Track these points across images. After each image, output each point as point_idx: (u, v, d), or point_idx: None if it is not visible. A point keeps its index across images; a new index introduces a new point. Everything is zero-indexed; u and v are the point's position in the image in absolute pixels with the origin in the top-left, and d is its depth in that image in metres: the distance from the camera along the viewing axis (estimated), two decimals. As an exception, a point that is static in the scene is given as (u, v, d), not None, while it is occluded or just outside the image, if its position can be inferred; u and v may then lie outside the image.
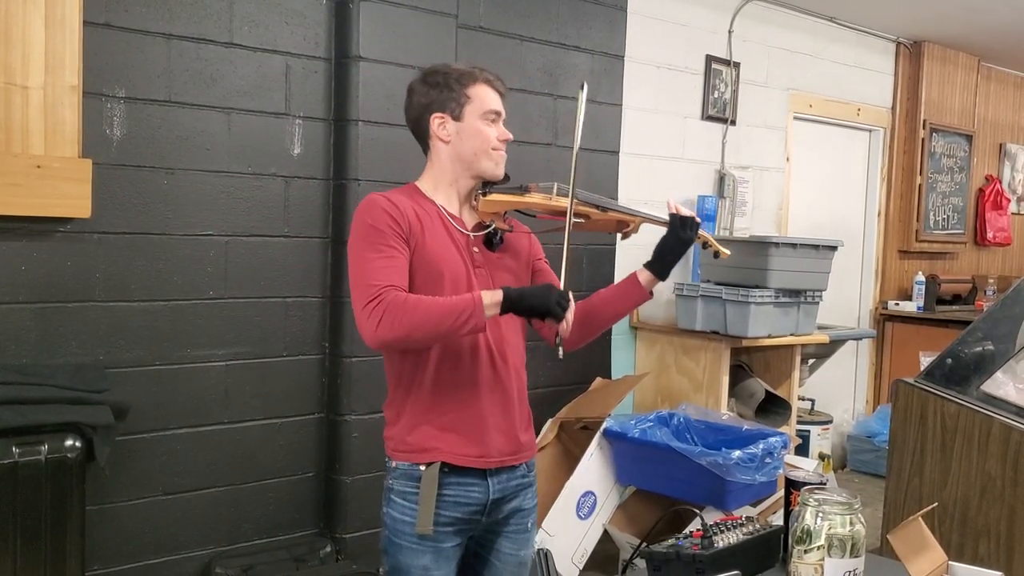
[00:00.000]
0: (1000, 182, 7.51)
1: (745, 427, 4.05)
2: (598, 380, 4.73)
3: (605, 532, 4.04)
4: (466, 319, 2.03)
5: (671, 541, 2.13)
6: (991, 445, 2.99)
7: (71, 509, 2.84)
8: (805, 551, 1.89)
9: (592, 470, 4.00)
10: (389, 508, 2.22)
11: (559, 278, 2.22)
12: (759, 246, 4.52)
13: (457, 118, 2.25)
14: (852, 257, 6.42)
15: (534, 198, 2.31)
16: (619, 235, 2.44)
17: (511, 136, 2.32)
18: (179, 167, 3.44)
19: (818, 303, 4.75)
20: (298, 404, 3.77)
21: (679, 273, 5.12)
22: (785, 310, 4.58)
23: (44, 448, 2.77)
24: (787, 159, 5.82)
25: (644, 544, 3.38)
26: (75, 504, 2.84)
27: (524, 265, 2.40)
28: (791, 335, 4.68)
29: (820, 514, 1.89)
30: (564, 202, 2.29)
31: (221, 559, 3.56)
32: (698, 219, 2.34)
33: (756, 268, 4.47)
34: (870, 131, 6.55)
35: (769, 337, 4.55)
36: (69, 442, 2.82)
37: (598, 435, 4.02)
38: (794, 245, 4.56)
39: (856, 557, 1.88)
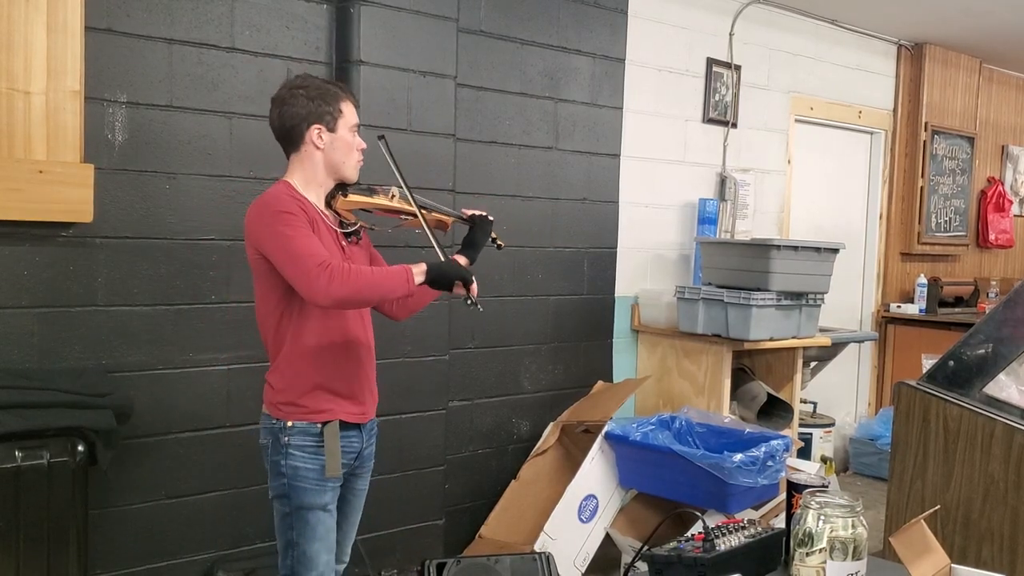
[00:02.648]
0: (1002, 184, 7.51)
1: (747, 430, 4.05)
2: (599, 383, 4.73)
3: (607, 536, 4.04)
4: (400, 283, 2.44)
5: (673, 544, 2.14)
6: (994, 447, 2.98)
7: (74, 513, 2.84)
8: (807, 554, 1.89)
9: (594, 473, 4.00)
10: (289, 460, 2.57)
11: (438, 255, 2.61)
12: (761, 249, 4.52)
13: (332, 130, 2.59)
14: (854, 260, 6.42)
15: (379, 199, 2.68)
16: (441, 232, 2.86)
17: (366, 145, 2.68)
18: (181, 171, 3.45)
19: (820, 306, 4.75)
20: (300, 408, 3.77)
21: (681, 276, 5.15)
22: (787, 313, 4.57)
23: (47, 452, 2.78)
24: (788, 162, 5.82)
25: (646, 547, 3.38)
26: (78, 508, 2.85)
27: (368, 256, 2.78)
28: (793, 338, 4.68)
29: (822, 517, 1.89)
30: (401, 203, 2.69)
31: (224, 563, 3.56)
32: (491, 217, 2.83)
33: (758, 271, 4.47)
34: (871, 133, 6.55)
35: (771, 340, 4.55)
36: (72, 446, 2.82)
37: (600, 438, 4.02)
38: (796, 248, 4.55)
39: (858, 560, 1.88)
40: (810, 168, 6.09)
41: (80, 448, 2.83)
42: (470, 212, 2.82)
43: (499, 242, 2.91)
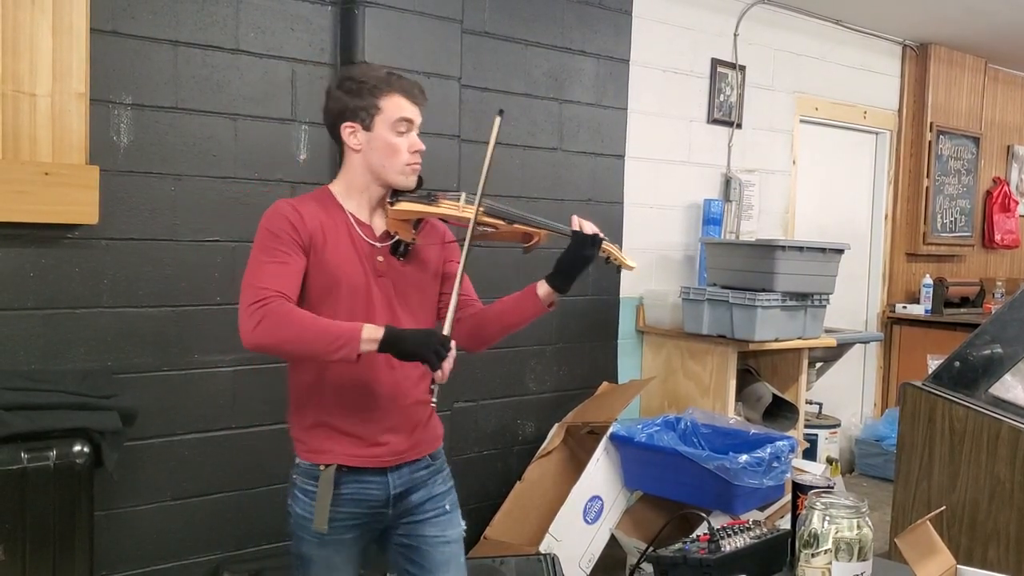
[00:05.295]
0: (1008, 184, 7.49)
1: (752, 431, 4.04)
2: (604, 384, 4.73)
3: (612, 537, 4.04)
4: (338, 347, 2.07)
5: (678, 545, 2.14)
6: (1000, 448, 2.98)
7: (79, 514, 2.84)
8: (812, 555, 1.89)
9: (599, 475, 3.99)
10: (293, 503, 2.32)
11: (454, 289, 2.25)
12: (765, 249, 4.52)
13: (367, 128, 2.26)
14: (859, 260, 6.41)
15: (443, 208, 2.31)
16: (523, 247, 2.41)
17: (423, 147, 2.31)
18: (186, 173, 3.45)
19: (825, 306, 4.74)
20: (305, 409, 3.77)
21: (686, 277, 5.14)
22: (792, 314, 4.56)
23: (52, 454, 2.77)
24: (793, 162, 5.81)
25: (651, 549, 3.38)
26: (83, 509, 2.84)
27: (432, 275, 2.41)
28: (798, 339, 4.67)
29: (827, 518, 1.89)
30: (471, 212, 2.27)
31: (229, 564, 3.56)
32: (602, 235, 2.34)
33: (762, 271, 4.46)
34: (876, 134, 6.54)
35: (776, 341, 4.54)
36: (77, 448, 2.82)
37: (604, 439, 4.02)
38: (801, 248, 4.54)
39: (863, 561, 1.88)
40: (815, 169, 6.08)
41: (86, 450, 2.83)
42: (575, 228, 2.34)
43: (622, 262, 2.40)
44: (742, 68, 5.39)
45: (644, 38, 4.90)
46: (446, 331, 2.18)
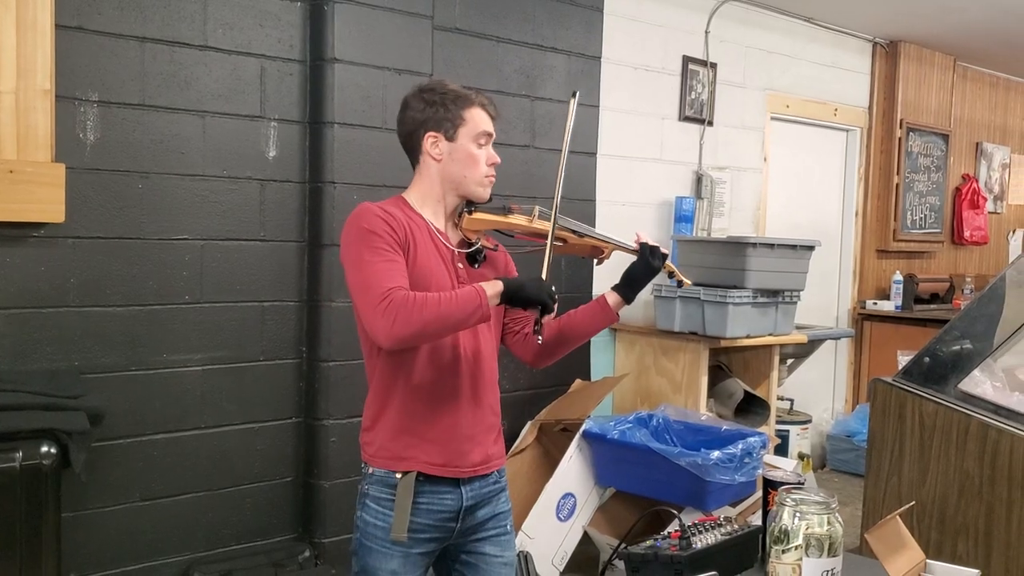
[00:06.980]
0: (977, 181, 7.56)
1: (724, 427, 4.05)
2: (577, 382, 4.73)
3: (585, 534, 4.04)
4: (473, 310, 2.09)
5: (649, 542, 2.13)
6: (969, 443, 3.00)
7: (46, 516, 2.80)
8: (783, 551, 1.89)
9: (572, 472, 3.99)
10: (363, 512, 2.26)
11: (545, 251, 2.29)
12: (737, 247, 4.53)
13: (450, 139, 2.28)
14: (830, 257, 6.45)
15: (516, 219, 2.37)
16: (594, 261, 2.51)
17: (499, 160, 2.36)
18: (153, 171, 3.42)
19: (796, 303, 4.76)
20: (275, 409, 3.75)
21: (659, 276, 5.14)
22: (763, 310, 4.59)
23: (18, 455, 2.73)
24: (764, 159, 5.84)
25: (623, 545, 3.38)
26: (50, 511, 2.80)
27: None
28: (769, 335, 4.69)
29: (797, 514, 1.90)
30: (543, 225, 2.35)
31: (199, 565, 3.53)
32: (665, 250, 2.43)
33: (734, 268, 4.48)
34: (847, 131, 6.58)
35: (747, 337, 4.56)
36: (44, 448, 2.78)
37: (577, 437, 4.02)
38: (771, 245, 4.57)
39: (834, 556, 1.88)
40: (786, 166, 6.11)
41: (52, 450, 2.79)
42: (640, 241, 2.43)
43: (681, 279, 2.52)
44: (713, 65, 5.40)
45: (615, 35, 4.90)
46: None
